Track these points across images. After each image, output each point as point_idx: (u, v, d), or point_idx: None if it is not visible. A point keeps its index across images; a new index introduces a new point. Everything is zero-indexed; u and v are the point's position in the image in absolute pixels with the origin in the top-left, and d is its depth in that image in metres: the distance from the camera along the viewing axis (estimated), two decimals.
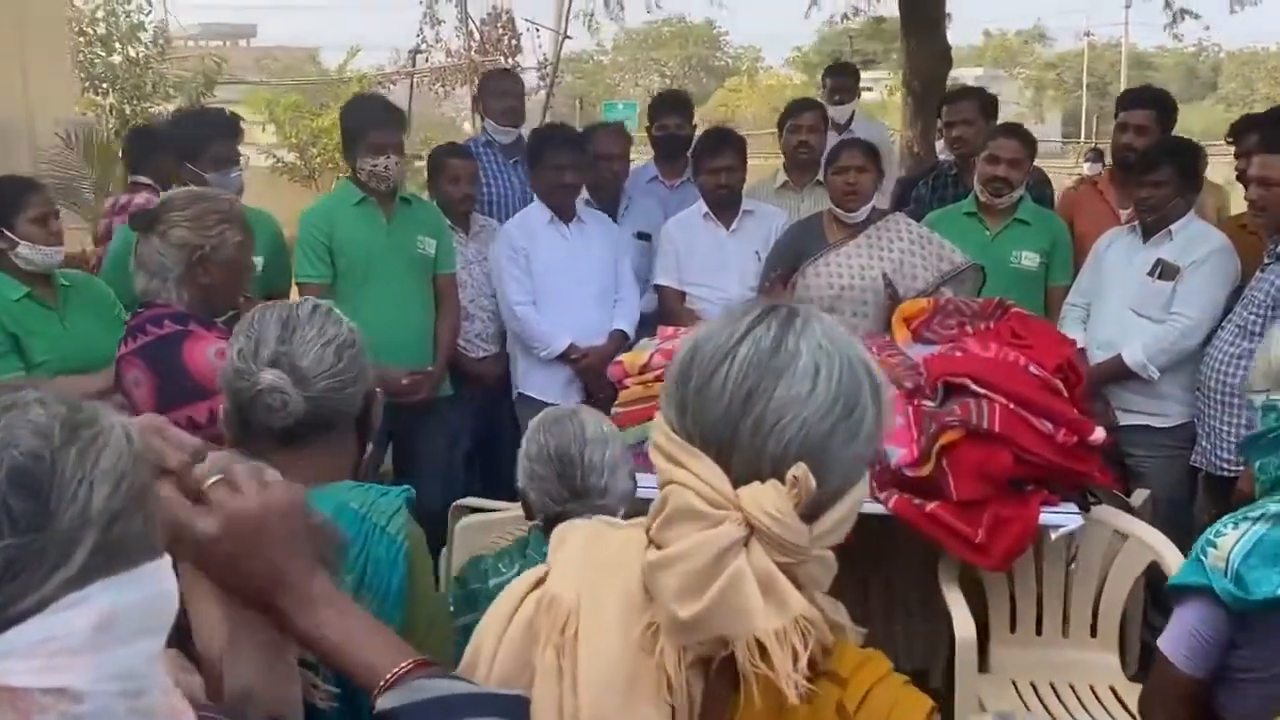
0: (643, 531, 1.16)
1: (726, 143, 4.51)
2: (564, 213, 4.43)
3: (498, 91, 5.22)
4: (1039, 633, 3.38)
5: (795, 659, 1.03)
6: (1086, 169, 10.17)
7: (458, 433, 4.51)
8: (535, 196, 4.51)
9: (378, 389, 1.68)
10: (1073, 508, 3.16)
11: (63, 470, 0.80)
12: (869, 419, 1.11)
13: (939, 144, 5.68)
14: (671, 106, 5.22)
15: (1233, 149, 4.39)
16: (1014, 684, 3.28)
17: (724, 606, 1.03)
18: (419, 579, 1.53)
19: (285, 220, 4.55)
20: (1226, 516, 2.01)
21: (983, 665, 3.23)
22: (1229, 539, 1.92)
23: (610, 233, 4.56)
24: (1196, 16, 11.79)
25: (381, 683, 1.10)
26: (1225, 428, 3.63)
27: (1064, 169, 18.11)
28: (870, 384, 1.12)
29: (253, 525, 1.11)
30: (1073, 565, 3.34)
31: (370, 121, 4.14)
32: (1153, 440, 3.92)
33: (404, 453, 4.44)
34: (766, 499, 1.04)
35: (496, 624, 1.20)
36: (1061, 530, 3.12)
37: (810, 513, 1.07)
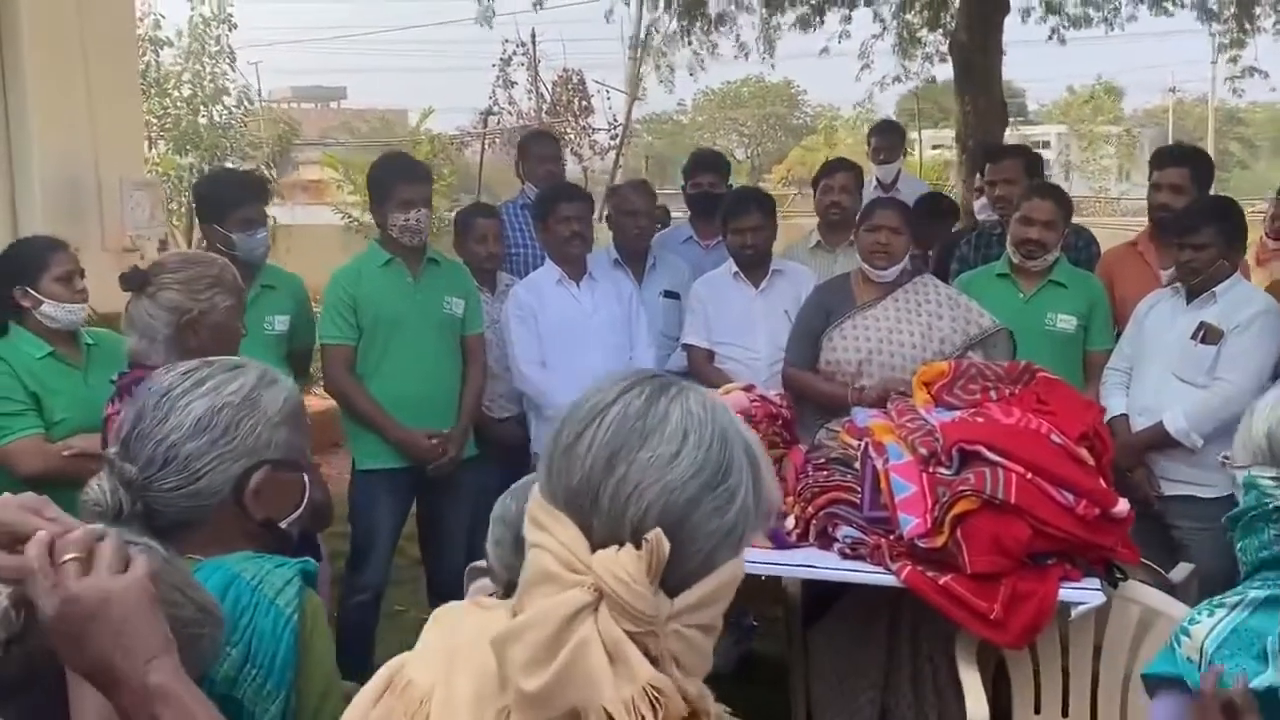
0: (502, 613, 1.11)
1: (754, 202, 4.47)
2: (574, 269, 4.41)
3: (538, 155, 5.26)
4: (1065, 714, 3.20)
5: None
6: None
7: (480, 494, 4.46)
8: (545, 256, 4.49)
9: (266, 467, 1.59)
10: (1095, 583, 3.01)
11: None
12: (742, 492, 1.06)
13: (977, 204, 5.56)
14: (706, 165, 5.21)
15: None
16: None
17: (571, 676, 0.99)
18: (311, 652, 1.49)
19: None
20: (1202, 604, 1.88)
21: None
22: (1202, 627, 1.80)
23: (623, 291, 4.53)
24: (1265, 75, 11.52)
25: None
26: None
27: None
28: (747, 458, 1.08)
29: (86, 611, 1.08)
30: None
31: (398, 176, 4.17)
32: (1198, 511, 3.73)
33: (428, 518, 4.42)
34: (618, 564, 1.00)
35: (362, 706, 1.16)
36: (1083, 608, 2.97)
37: (673, 586, 1.02)
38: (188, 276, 2.63)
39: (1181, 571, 3.63)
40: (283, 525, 1.63)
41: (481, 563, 4.06)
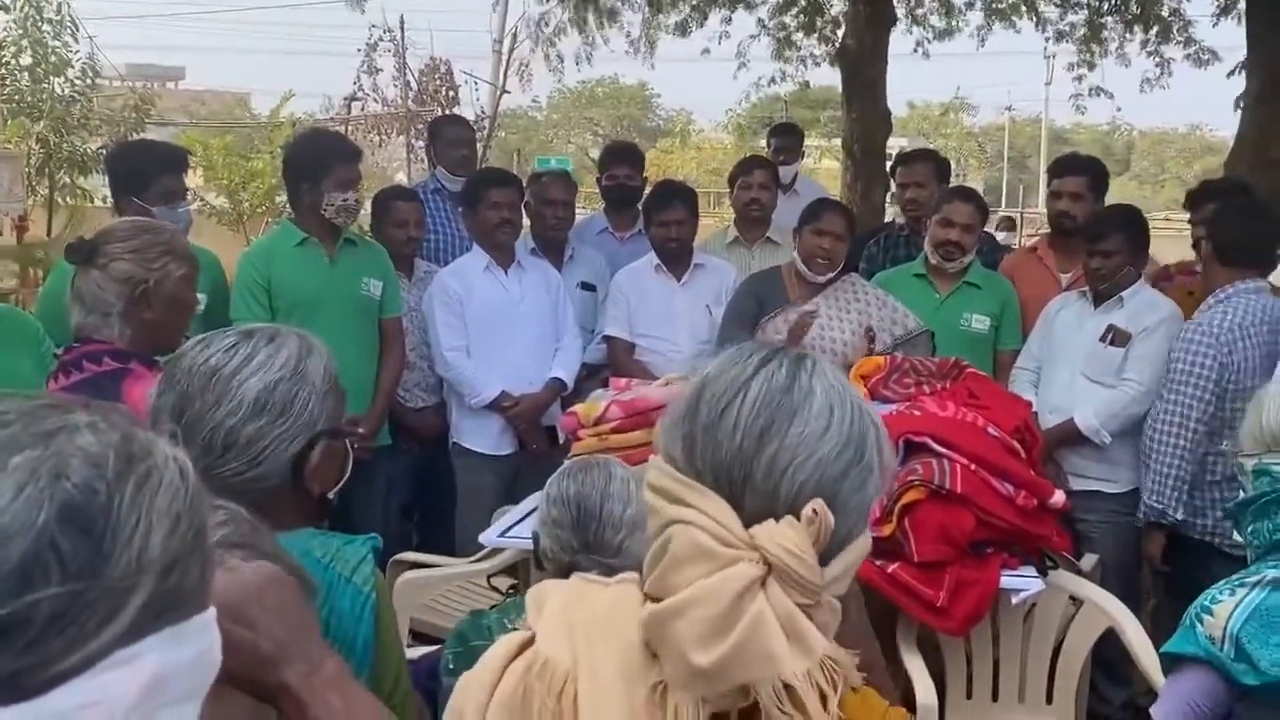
0: (630, 588, 1.09)
1: (677, 196, 4.49)
2: (502, 257, 4.35)
3: (452, 139, 5.16)
4: (995, 698, 3.32)
5: (825, 702, 0.98)
6: (1000, 238, 10.37)
7: (393, 484, 4.36)
8: (473, 242, 4.43)
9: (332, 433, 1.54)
10: (1032, 571, 3.13)
11: (119, 508, 0.68)
12: (877, 466, 1.07)
13: (892, 210, 5.72)
14: (621, 157, 5.19)
15: (1188, 216, 4.45)
16: None
17: (748, 651, 0.97)
18: (386, 632, 1.43)
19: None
20: (1221, 583, 1.97)
21: None
22: (1225, 606, 1.88)
23: (550, 280, 4.49)
24: (1110, 95, 12.16)
25: None
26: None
27: None
28: (876, 432, 1.08)
29: (249, 598, 1.01)
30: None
31: (336, 155, 4.03)
32: (1103, 505, 3.92)
33: (339, 506, 4.26)
34: (785, 536, 0.99)
35: (478, 694, 1.11)
36: (1023, 595, 3.08)
37: (822, 557, 1.02)
38: (139, 245, 2.47)
39: (1089, 562, 3.80)
40: (330, 496, 1.56)
41: (406, 555, 3.99)
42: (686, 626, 0.99)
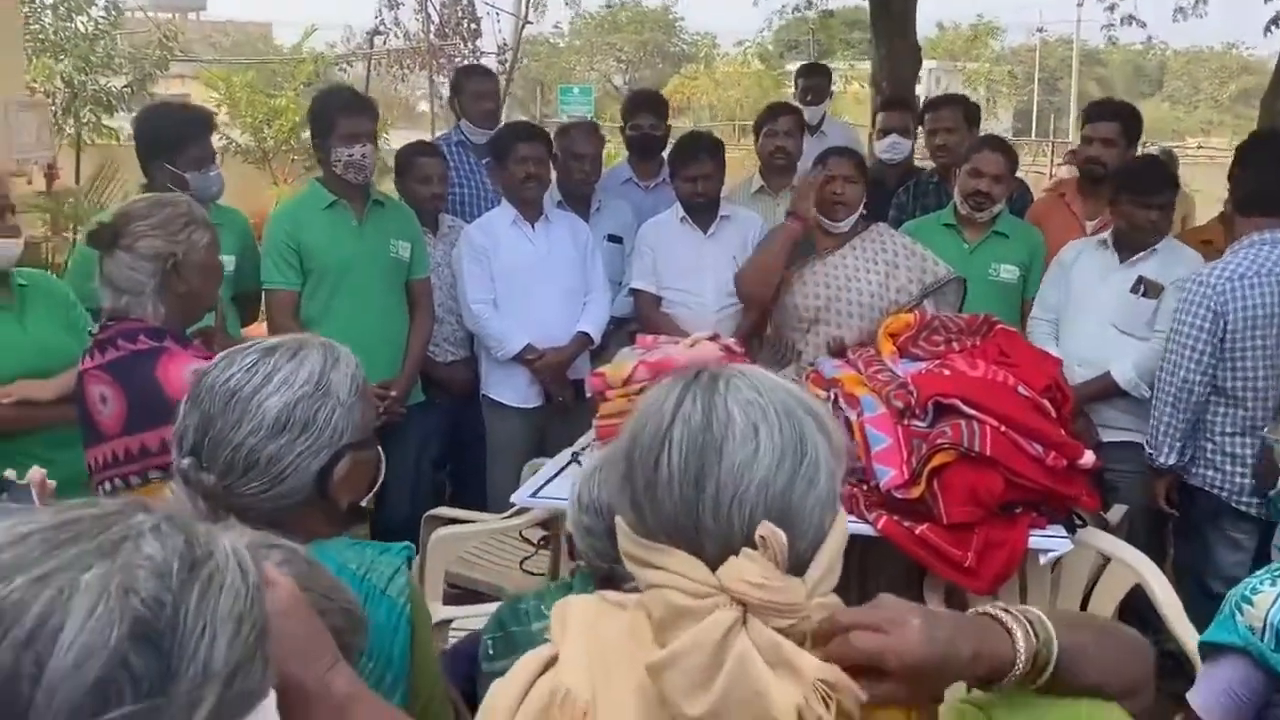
0: (644, 614, 1.10)
1: (704, 149, 4.41)
2: (530, 211, 4.34)
3: (476, 92, 5.12)
4: None
5: None
6: (1065, 171, 9.87)
7: (426, 440, 4.41)
8: (501, 197, 4.41)
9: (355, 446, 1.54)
10: (1061, 531, 3.13)
11: (185, 618, 0.69)
12: (823, 457, 1.07)
13: (879, 144, 5.58)
14: (645, 106, 5.15)
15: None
16: None
17: (735, 695, 0.99)
18: (421, 643, 1.46)
19: (243, 208, 4.40)
20: (1262, 571, 1.97)
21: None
22: (1266, 596, 1.88)
23: (579, 233, 4.47)
24: (1143, 25, 11.82)
25: None
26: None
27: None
28: (814, 421, 1.08)
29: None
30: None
31: (341, 109, 4.01)
32: (1135, 454, 3.91)
33: None
34: (746, 571, 1.01)
35: (502, 712, 1.13)
36: (1052, 555, 3.09)
37: (799, 566, 1.03)
38: (162, 219, 2.47)
39: (1116, 514, 3.82)
40: (362, 504, 1.58)
41: (440, 510, 4.05)
42: (677, 677, 1.00)
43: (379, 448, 1.60)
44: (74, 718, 0.63)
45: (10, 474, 1.87)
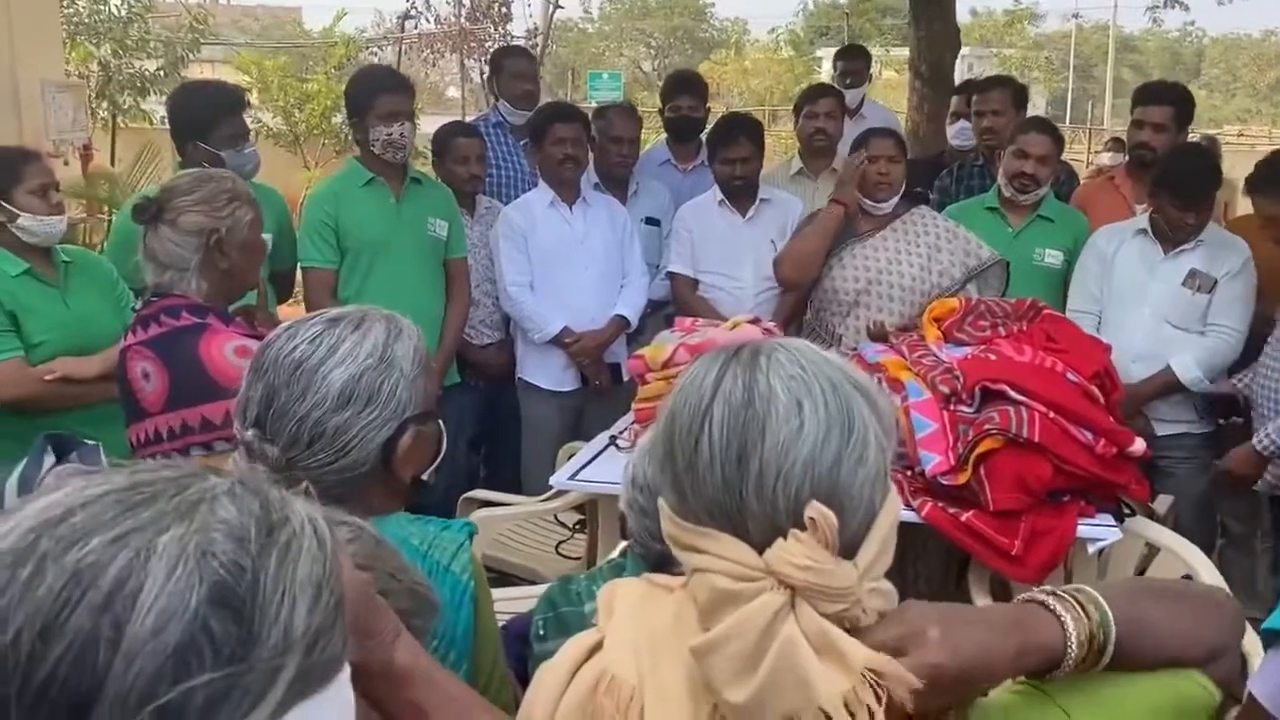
0: (691, 598, 1.05)
1: (743, 131, 4.34)
2: (567, 192, 4.30)
3: (515, 73, 5.07)
4: None
5: (872, 717, 0.94)
6: (1108, 159, 9.64)
7: (461, 422, 4.38)
8: (539, 178, 4.39)
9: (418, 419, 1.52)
10: (1109, 520, 3.08)
11: (264, 585, 0.65)
12: (872, 433, 1.01)
13: (950, 129, 5.53)
14: (684, 88, 5.09)
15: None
16: None
17: (781, 682, 0.94)
18: (484, 619, 1.43)
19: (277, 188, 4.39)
20: None
21: None
22: None
23: (616, 216, 4.43)
24: (1186, 8, 11.66)
25: None
26: None
27: None
28: (861, 396, 1.02)
29: None
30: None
31: (379, 88, 3.98)
32: (1191, 443, 3.84)
33: None
34: (794, 554, 0.95)
35: (547, 698, 1.10)
36: (1100, 544, 3.04)
37: (849, 548, 0.98)
38: (206, 194, 2.45)
39: (1163, 503, 3.75)
40: (425, 478, 1.55)
41: (477, 492, 4.03)
42: (720, 663, 0.96)
43: (440, 421, 1.57)
44: (154, 685, 0.60)
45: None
